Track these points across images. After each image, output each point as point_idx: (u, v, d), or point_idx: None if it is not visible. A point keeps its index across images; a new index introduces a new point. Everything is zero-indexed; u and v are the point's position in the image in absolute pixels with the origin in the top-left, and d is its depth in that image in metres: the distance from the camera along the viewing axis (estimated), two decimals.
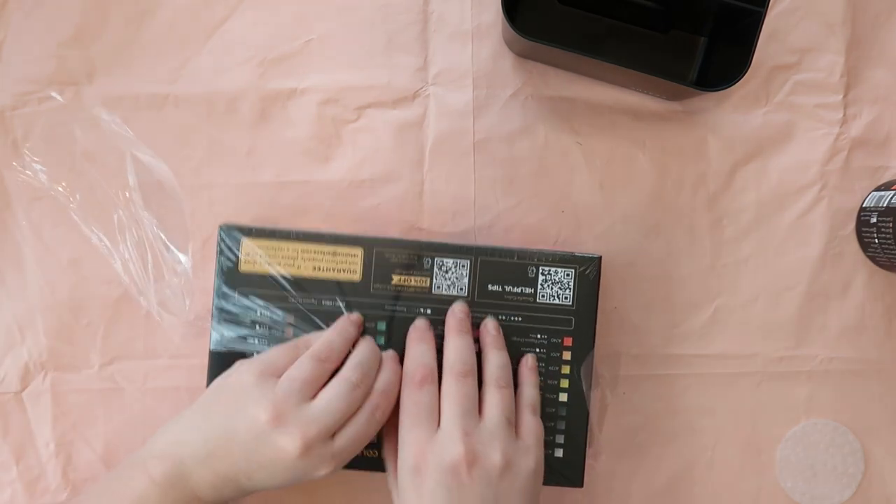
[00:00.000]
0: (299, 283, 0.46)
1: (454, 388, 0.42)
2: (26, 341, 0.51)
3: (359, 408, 0.42)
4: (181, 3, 0.51)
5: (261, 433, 0.40)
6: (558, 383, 0.47)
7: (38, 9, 0.51)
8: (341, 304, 0.47)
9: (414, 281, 0.46)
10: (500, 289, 0.47)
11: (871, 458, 0.52)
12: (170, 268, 0.50)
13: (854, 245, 0.52)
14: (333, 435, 0.41)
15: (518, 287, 0.47)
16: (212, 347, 0.47)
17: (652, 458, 0.52)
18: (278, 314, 0.46)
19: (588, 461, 0.51)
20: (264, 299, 0.46)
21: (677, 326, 0.51)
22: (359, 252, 0.46)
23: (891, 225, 0.47)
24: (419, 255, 0.47)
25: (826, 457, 0.52)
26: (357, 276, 0.47)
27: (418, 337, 0.45)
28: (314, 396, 0.41)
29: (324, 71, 0.51)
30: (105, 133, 0.50)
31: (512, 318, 0.47)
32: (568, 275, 0.46)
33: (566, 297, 0.47)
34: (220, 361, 0.46)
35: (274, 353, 0.44)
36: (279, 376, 0.42)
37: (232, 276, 0.46)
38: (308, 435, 0.40)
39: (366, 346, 0.45)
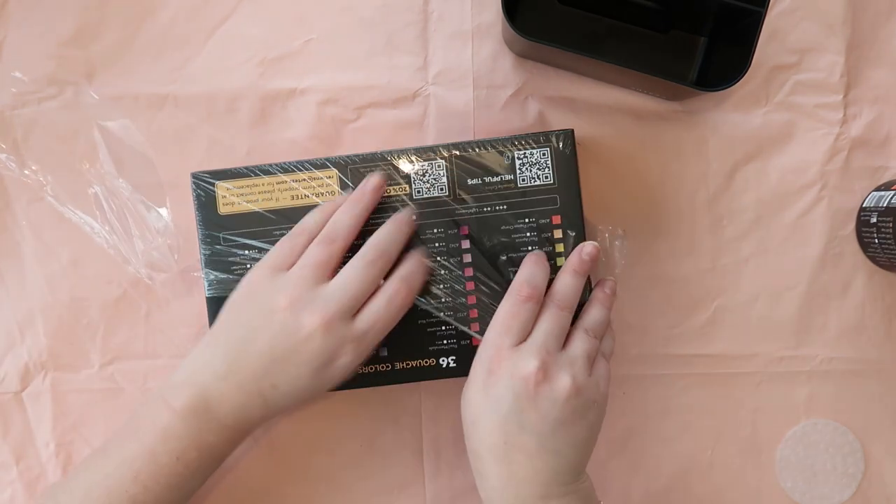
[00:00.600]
0: (281, 215, 0.46)
1: (551, 316, 0.43)
2: (26, 341, 0.51)
3: (378, 289, 0.42)
4: (181, 3, 0.51)
5: (281, 321, 0.41)
6: (555, 262, 0.46)
7: (38, 9, 0.51)
8: None
9: (394, 190, 0.46)
10: (480, 181, 0.46)
11: (871, 458, 0.52)
12: (152, 228, 0.50)
13: (854, 245, 0.52)
14: (354, 318, 0.41)
15: (497, 176, 0.46)
16: (207, 294, 0.46)
17: (652, 458, 0.52)
18: (266, 249, 0.46)
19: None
20: (249, 237, 0.46)
21: (677, 326, 0.51)
22: (333, 173, 0.46)
23: (891, 225, 0.47)
24: (393, 164, 0.47)
25: (826, 457, 0.52)
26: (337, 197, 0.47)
27: (535, 261, 0.45)
28: (330, 278, 0.42)
29: (324, 71, 0.51)
30: (74, 106, 0.51)
31: (497, 208, 0.46)
32: (544, 154, 0.46)
33: (546, 177, 0.46)
34: (217, 306, 0.45)
35: (278, 249, 0.44)
36: (289, 268, 0.42)
37: (213, 221, 0.46)
38: (328, 311, 0.40)
39: (386, 227, 0.44)
